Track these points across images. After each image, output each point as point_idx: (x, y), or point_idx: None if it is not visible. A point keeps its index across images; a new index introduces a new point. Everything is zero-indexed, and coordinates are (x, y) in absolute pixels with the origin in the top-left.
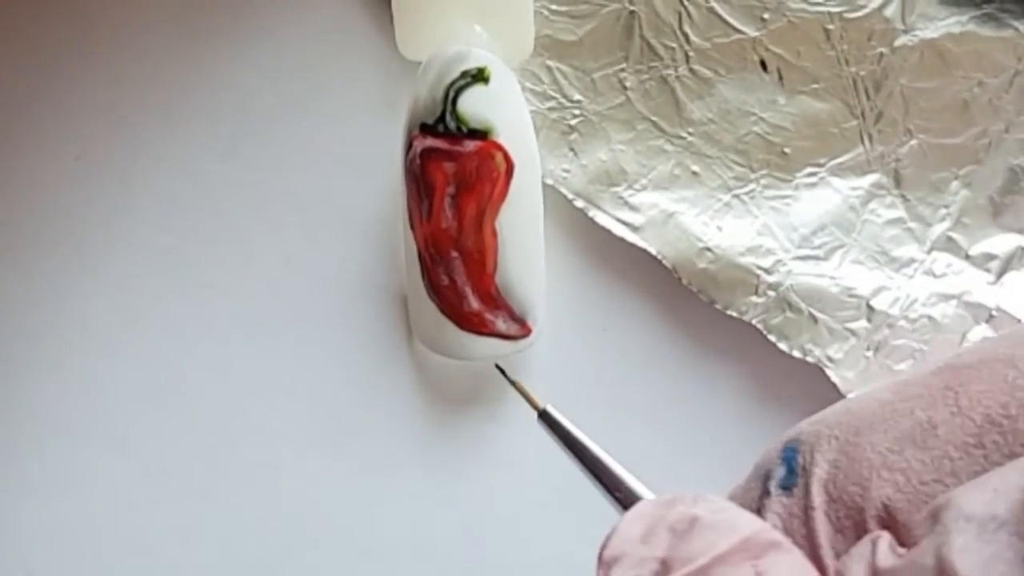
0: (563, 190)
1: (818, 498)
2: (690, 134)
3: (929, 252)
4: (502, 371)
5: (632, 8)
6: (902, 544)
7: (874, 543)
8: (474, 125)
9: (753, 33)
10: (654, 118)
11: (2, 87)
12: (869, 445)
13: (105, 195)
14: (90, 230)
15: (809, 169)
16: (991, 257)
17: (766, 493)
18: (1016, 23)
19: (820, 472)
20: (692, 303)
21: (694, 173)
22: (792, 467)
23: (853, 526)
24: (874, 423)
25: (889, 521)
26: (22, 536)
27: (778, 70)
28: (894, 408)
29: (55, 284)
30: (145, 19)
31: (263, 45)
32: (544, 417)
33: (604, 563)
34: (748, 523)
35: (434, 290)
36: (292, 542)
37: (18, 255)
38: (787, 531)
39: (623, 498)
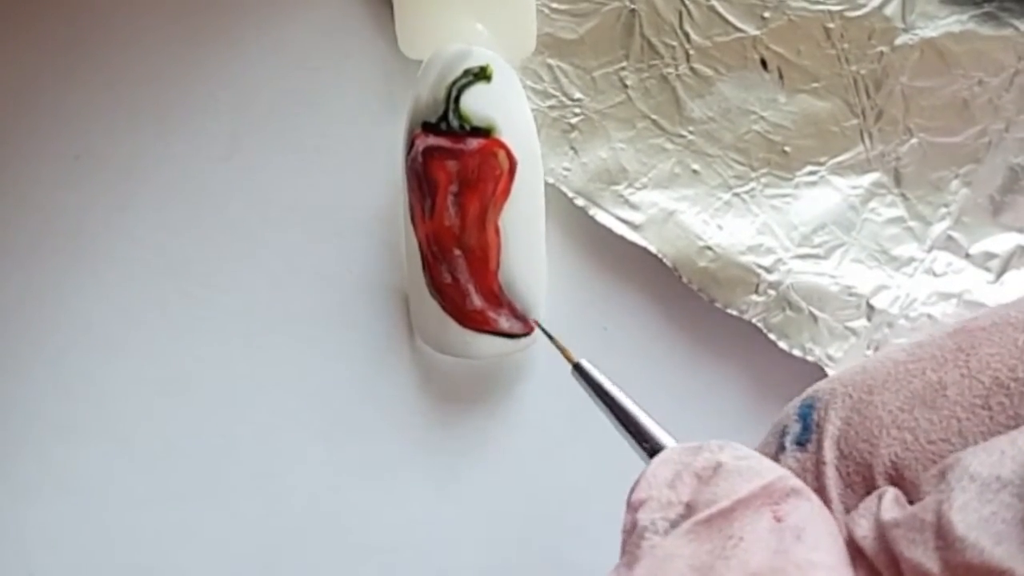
0: (564, 188)
1: (830, 453)
2: (690, 132)
3: (929, 251)
4: (539, 325)
5: (632, 6)
6: (909, 501)
7: (880, 497)
8: (477, 123)
9: (753, 31)
10: (654, 116)
11: (2, 87)
12: (881, 403)
13: (104, 194)
14: (90, 229)
15: (809, 168)
16: (991, 256)
17: (781, 448)
18: (1016, 22)
19: (833, 429)
20: (693, 302)
21: (694, 171)
22: (807, 423)
23: (863, 481)
24: (887, 382)
25: (897, 478)
26: (23, 536)
27: (778, 68)
28: (907, 368)
29: (55, 284)
30: (144, 19)
31: (263, 44)
32: (578, 370)
33: (632, 506)
34: (771, 470)
35: (436, 288)
36: (293, 541)
37: (18, 255)
38: None
39: (650, 448)
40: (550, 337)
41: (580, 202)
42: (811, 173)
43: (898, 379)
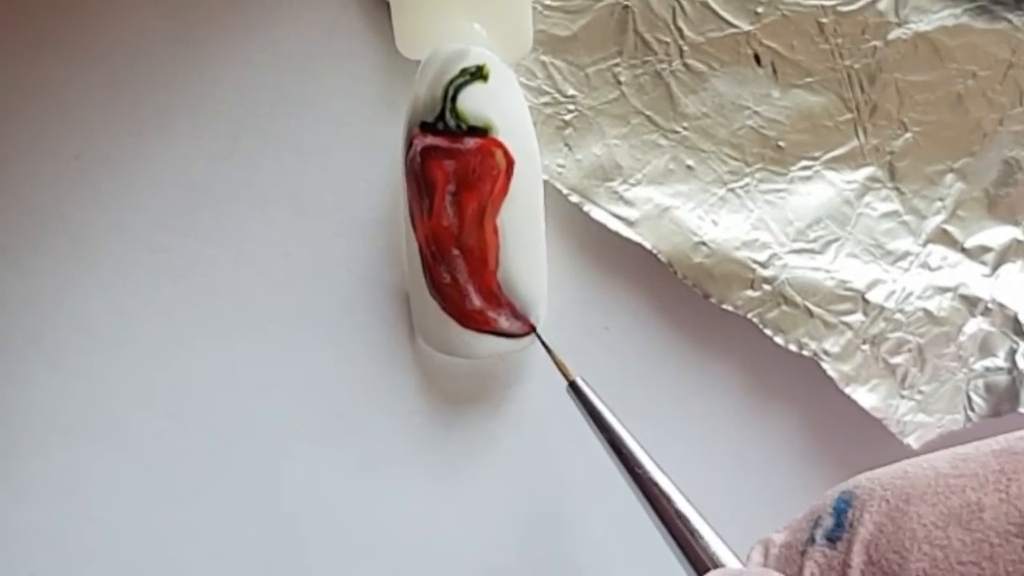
0: (558, 185)
1: (858, 558)
2: (685, 128)
3: (924, 245)
4: (538, 336)
5: (626, 3)
6: None
7: None
8: (473, 123)
9: (747, 27)
10: (648, 112)
11: (2, 86)
12: (916, 515)
13: (105, 193)
14: (90, 228)
15: (804, 163)
16: (986, 249)
17: (811, 540)
18: (1009, 15)
19: (865, 532)
20: (690, 297)
21: (689, 167)
22: (841, 520)
23: None
24: (925, 493)
25: None
26: (23, 536)
27: (772, 64)
28: (948, 483)
29: (54, 283)
30: (144, 18)
31: (262, 44)
32: (573, 388)
33: None
34: None
35: (436, 288)
36: (293, 541)
37: (18, 254)
38: None
39: (641, 475)
40: (548, 350)
41: (575, 199)
42: (805, 168)
43: (937, 492)
